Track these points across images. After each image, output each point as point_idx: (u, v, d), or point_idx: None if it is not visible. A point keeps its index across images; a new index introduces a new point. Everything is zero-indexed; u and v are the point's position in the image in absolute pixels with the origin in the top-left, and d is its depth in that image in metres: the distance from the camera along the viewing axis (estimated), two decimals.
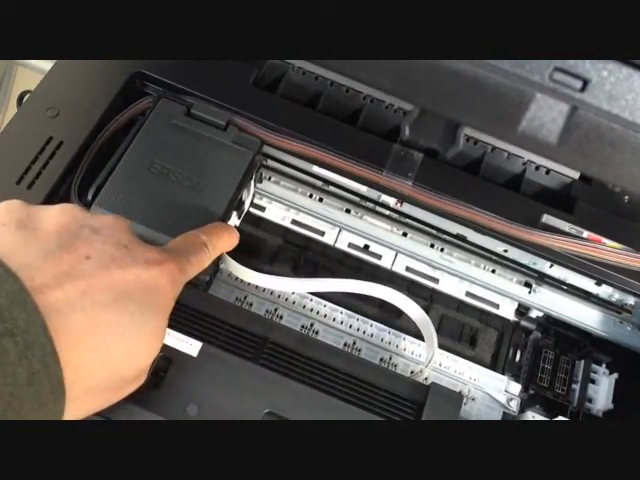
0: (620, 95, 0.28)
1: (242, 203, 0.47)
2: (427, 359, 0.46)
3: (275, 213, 0.52)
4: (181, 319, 0.39)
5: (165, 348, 0.38)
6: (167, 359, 0.38)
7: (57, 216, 0.32)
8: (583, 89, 0.29)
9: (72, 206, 0.33)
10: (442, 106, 0.31)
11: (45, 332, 0.26)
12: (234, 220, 0.46)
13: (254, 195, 0.50)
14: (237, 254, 0.50)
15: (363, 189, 0.48)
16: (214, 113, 0.46)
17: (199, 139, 0.45)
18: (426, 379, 0.47)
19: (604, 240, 0.46)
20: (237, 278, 0.48)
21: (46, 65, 0.53)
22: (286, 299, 0.50)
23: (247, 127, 0.46)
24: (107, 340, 0.29)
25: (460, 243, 0.50)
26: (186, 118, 0.45)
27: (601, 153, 0.30)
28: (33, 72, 0.74)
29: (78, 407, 0.29)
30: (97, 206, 0.41)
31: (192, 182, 0.43)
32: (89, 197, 0.42)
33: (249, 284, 0.49)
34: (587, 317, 0.51)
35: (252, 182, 0.48)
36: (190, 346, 0.39)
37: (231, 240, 0.41)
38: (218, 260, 0.45)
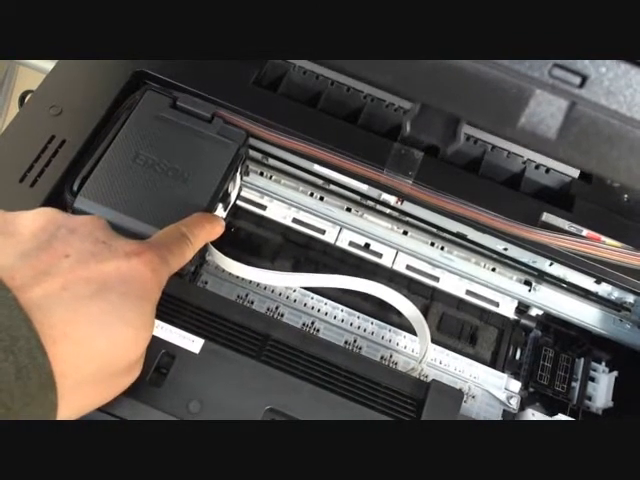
0: (618, 91, 0.29)
1: (228, 195, 0.47)
2: (420, 354, 0.46)
3: (276, 211, 0.52)
4: (183, 316, 0.40)
5: (167, 345, 0.38)
6: (169, 356, 0.38)
7: (33, 220, 0.32)
8: (582, 85, 0.29)
9: (48, 209, 0.33)
10: (442, 102, 0.31)
11: (29, 326, 0.26)
12: (220, 212, 0.47)
13: (241, 187, 0.50)
14: (238, 252, 0.51)
15: (364, 187, 0.48)
16: (199, 105, 0.46)
17: (184, 131, 0.45)
18: (426, 376, 0.47)
19: (603, 238, 0.46)
20: (239, 276, 0.48)
21: (48, 65, 0.53)
22: (287, 297, 0.50)
23: (233, 119, 0.46)
24: (91, 331, 0.29)
25: (460, 241, 0.50)
26: (172, 110, 0.46)
27: (599, 148, 0.30)
28: (35, 72, 0.75)
29: (71, 403, 0.29)
30: (82, 197, 0.41)
31: (177, 173, 0.43)
32: (74, 188, 0.42)
33: (250, 282, 0.50)
34: (587, 315, 0.51)
35: (238, 174, 0.48)
36: (192, 343, 0.39)
37: (213, 229, 0.41)
38: (204, 252, 0.46)
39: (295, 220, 0.52)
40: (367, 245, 0.52)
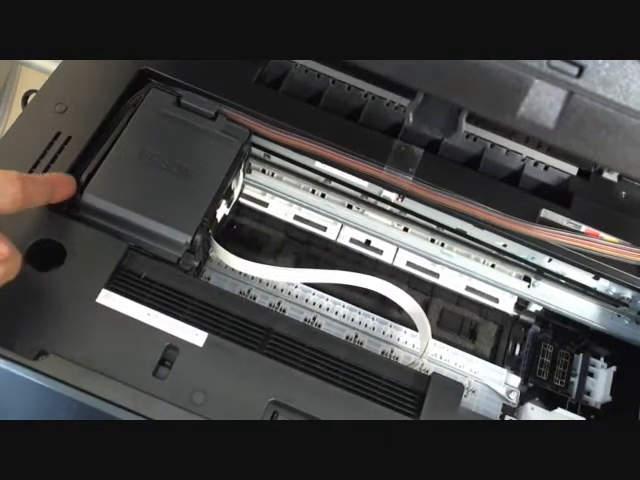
0: (614, 80, 0.29)
1: (231, 192, 0.48)
2: (421, 349, 0.47)
3: (278, 209, 0.53)
4: (187, 310, 0.40)
5: (171, 338, 0.39)
6: (174, 349, 0.39)
7: None
8: (579, 75, 0.30)
9: None
10: (444, 91, 0.32)
11: None
12: (223, 208, 0.47)
13: (244, 184, 0.51)
14: (241, 249, 0.51)
15: (364, 184, 0.49)
16: (203, 103, 0.47)
17: (189, 128, 0.45)
18: (426, 371, 0.48)
19: (601, 234, 0.47)
20: (241, 272, 0.49)
21: (51, 65, 0.54)
22: (289, 293, 0.50)
23: (236, 117, 0.47)
24: None
25: (460, 238, 0.51)
26: (176, 108, 0.46)
27: (596, 136, 0.31)
28: (37, 73, 0.75)
29: None
30: (88, 192, 0.42)
31: (181, 170, 0.44)
32: (81, 184, 0.42)
33: (252, 278, 0.50)
34: (585, 311, 0.51)
35: (241, 171, 0.48)
36: (196, 336, 0.39)
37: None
38: (208, 247, 0.46)
39: (297, 217, 0.53)
40: (368, 242, 0.53)
